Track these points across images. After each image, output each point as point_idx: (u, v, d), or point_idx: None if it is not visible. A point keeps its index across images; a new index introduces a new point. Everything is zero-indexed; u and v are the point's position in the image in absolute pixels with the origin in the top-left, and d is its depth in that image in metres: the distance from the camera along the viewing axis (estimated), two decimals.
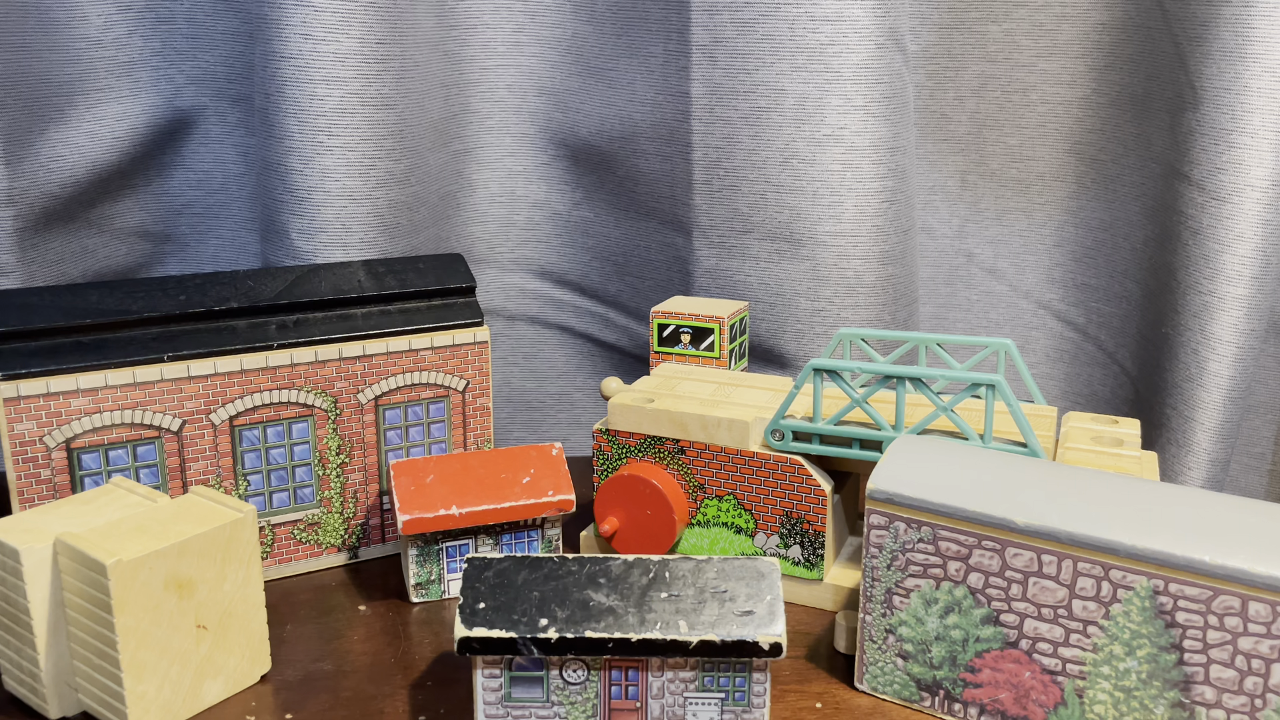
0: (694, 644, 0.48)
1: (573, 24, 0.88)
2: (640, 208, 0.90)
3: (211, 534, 0.52)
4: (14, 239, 0.79)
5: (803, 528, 0.64)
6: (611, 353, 0.97)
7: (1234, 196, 0.77)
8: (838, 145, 0.81)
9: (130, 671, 0.50)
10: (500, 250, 0.93)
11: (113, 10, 0.81)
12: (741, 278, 0.85)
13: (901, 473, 0.53)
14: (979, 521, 0.50)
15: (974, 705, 0.53)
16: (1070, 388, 0.97)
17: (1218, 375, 0.80)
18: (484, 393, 0.72)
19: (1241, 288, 0.78)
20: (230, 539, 0.53)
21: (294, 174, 0.77)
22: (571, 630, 0.48)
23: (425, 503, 0.63)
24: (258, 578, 0.55)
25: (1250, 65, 0.75)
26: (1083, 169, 0.91)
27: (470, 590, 0.50)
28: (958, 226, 0.94)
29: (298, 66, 0.75)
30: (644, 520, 0.66)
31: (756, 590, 0.50)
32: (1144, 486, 0.52)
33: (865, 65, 0.79)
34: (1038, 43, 0.88)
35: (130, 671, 0.50)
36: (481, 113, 0.90)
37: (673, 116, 0.84)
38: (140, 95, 0.84)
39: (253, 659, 0.56)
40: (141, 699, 0.51)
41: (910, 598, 0.53)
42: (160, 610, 0.51)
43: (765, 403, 0.67)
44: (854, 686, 0.56)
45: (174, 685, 0.52)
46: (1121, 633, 0.48)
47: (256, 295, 0.65)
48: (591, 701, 0.49)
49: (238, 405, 0.64)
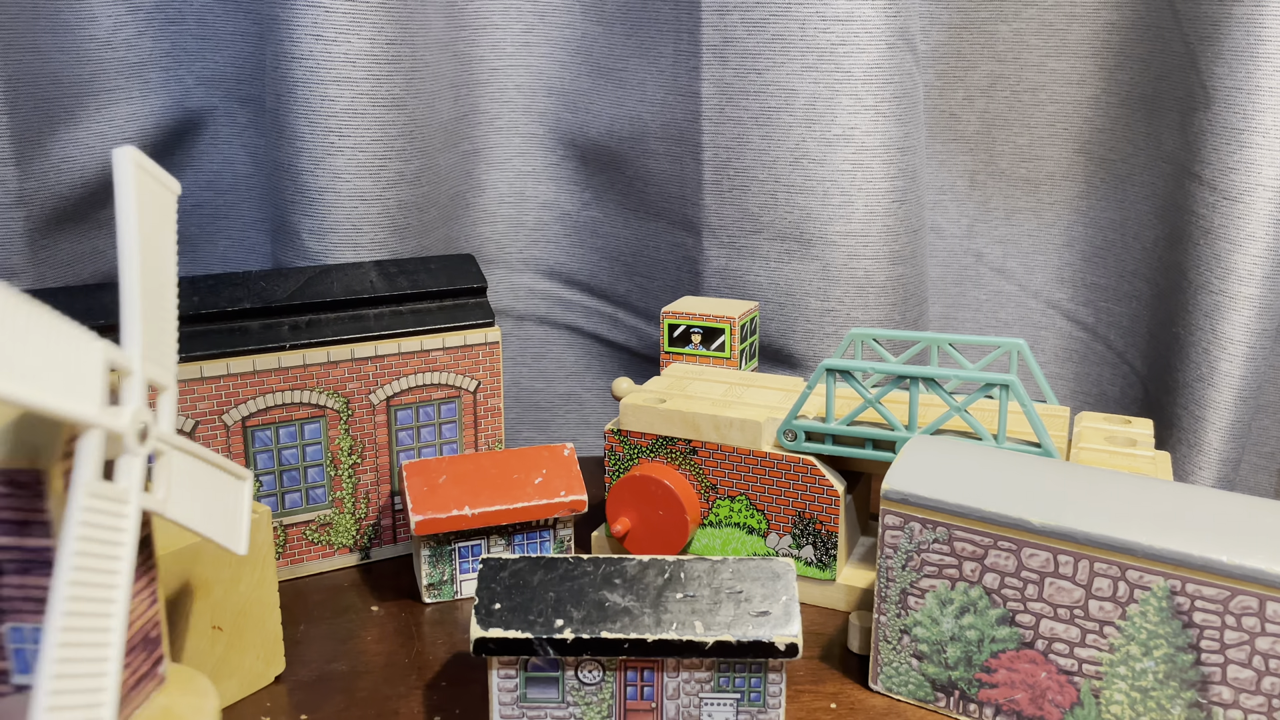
0: (710, 644, 0.48)
1: (582, 24, 0.88)
2: (650, 208, 0.90)
3: None
4: (25, 240, 0.79)
5: (815, 528, 0.64)
6: (620, 353, 0.97)
7: (1245, 196, 0.77)
8: (848, 145, 0.81)
9: None
10: (509, 250, 0.93)
11: (123, 11, 0.81)
12: (751, 278, 0.85)
13: (916, 473, 0.53)
14: (995, 522, 0.50)
15: (989, 706, 0.52)
16: (1080, 387, 0.96)
17: (1229, 375, 0.80)
18: (495, 393, 0.72)
19: (1253, 287, 0.78)
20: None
21: (305, 175, 0.77)
22: (587, 631, 0.48)
23: (438, 503, 0.63)
24: (272, 578, 0.55)
25: (1262, 65, 0.75)
26: (1092, 169, 0.91)
27: (486, 591, 0.50)
28: (967, 226, 0.94)
29: (308, 67, 0.75)
30: (656, 521, 0.66)
31: (772, 591, 0.50)
32: (1159, 487, 0.52)
33: (876, 65, 0.79)
34: (1047, 42, 0.88)
35: None
36: (491, 113, 0.90)
37: (683, 117, 0.84)
38: (150, 96, 0.84)
39: (267, 659, 0.56)
40: None
41: (925, 598, 0.53)
42: (175, 610, 0.51)
43: (777, 403, 0.67)
44: (868, 687, 0.56)
45: None
46: (1138, 633, 0.48)
47: (269, 296, 0.66)
48: (607, 702, 0.49)
49: (250, 406, 0.64)
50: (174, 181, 0.44)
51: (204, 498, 0.43)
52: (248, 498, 0.47)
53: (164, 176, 0.42)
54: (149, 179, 0.41)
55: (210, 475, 0.44)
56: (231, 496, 0.46)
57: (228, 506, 0.46)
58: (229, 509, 0.46)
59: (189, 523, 0.42)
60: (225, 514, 0.45)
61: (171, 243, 0.43)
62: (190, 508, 0.42)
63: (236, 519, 0.46)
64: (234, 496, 0.46)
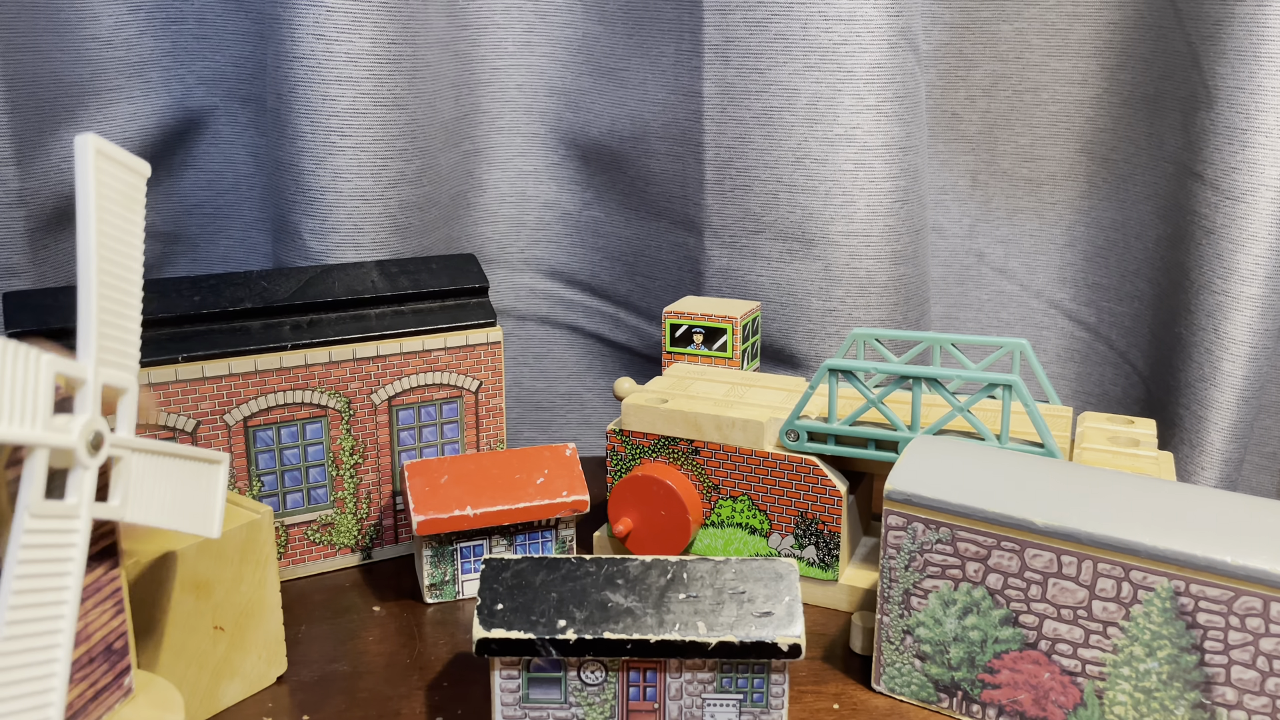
0: (713, 645, 0.48)
1: (584, 24, 0.88)
2: (651, 208, 0.90)
3: (229, 535, 0.52)
4: (26, 240, 0.79)
5: (818, 528, 0.64)
6: (622, 353, 0.97)
7: (1248, 196, 0.77)
8: (850, 145, 0.81)
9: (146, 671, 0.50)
10: (510, 250, 0.93)
11: (123, 11, 0.81)
12: (753, 278, 0.85)
13: (919, 473, 0.53)
14: (998, 522, 0.50)
15: (992, 706, 0.52)
16: (1081, 388, 0.96)
17: (1231, 375, 0.80)
18: (497, 393, 0.72)
19: (1255, 287, 0.78)
20: (248, 540, 0.53)
21: (306, 174, 0.77)
22: (590, 631, 0.48)
23: (440, 503, 0.63)
24: (275, 579, 0.55)
25: (1265, 64, 0.75)
26: (1094, 168, 0.91)
27: (488, 591, 0.49)
28: (969, 226, 0.94)
29: (310, 67, 0.75)
30: (658, 521, 0.66)
31: (775, 591, 0.50)
32: (1163, 487, 0.51)
33: (878, 65, 0.79)
34: (1049, 42, 0.88)
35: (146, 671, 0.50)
36: (492, 113, 0.89)
37: (684, 116, 0.84)
38: (151, 96, 0.84)
39: (269, 660, 0.56)
40: None
41: (928, 599, 0.53)
42: (177, 611, 0.51)
43: (779, 403, 0.67)
44: (871, 687, 0.56)
45: (191, 686, 0.52)
46: (1142, 634, 0.48)
47: (271, 296, 0.65)
48: (609, 703, 0.49)
49: (252, 406, 0.64)
50: (142, 164, 0.42)
51: (170, 492, 0.43)
52: (223, 481, 0.47)
53: (131, 160, 0.41)
54: (113, 165, 0.39)
55: (178, 468, 0.44)
56: (205, 483, 0.46)
57: (200, 494, 0.45)
58: (202, 497, 0.45)
59: (151, 521, 0.41)
60: (197, 502, 0.45)
61: (137, 229, 0.41)
62: (151, 506, 0.41)
63: (210, 504, 0.46)
64: (207, 483, 0.46)
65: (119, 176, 0.40)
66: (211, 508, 0.46)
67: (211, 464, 0.46)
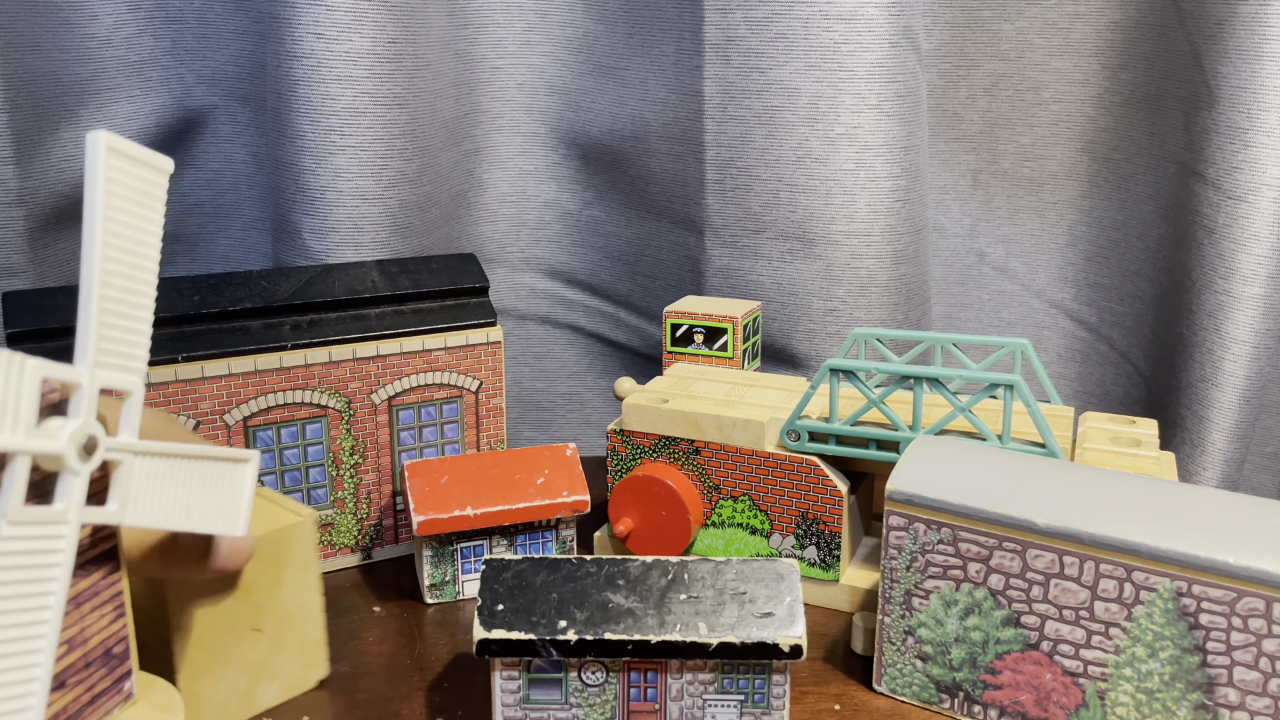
0: (714, 646, 0.47)
1: (584, 23, 0.88)
2: (652, 207, 0.89)
3: (270, 537, 0.52)
4: (25, 239, 0.79)
5: (819, 529, 0.63)
6: (622, 352, 0.96)
7: (1250, 195, 0.77)
8: (851, 144, 0.80)
9: (185, 672, 0.49)
10: (511, 250, 0.93)
11: (123, 9, 0.81)
12: (754, 277, 0.85)
13: (921, 474, 0.53)
14: (1000, 523, 0.50)
15: (994, 707, 0.52)
16: (1083, 388, 0.96)
17: (1233, 375, 0.80)
18: (497, 393, 0.72)
19: (1257, 287, 0.78)
20: (289, 542, 0.53)
21: (306, 174, 0.77)
22: (590, 632, 0.47)
23: (440, 503, 0.63)
24: (316, 582, 0.55)
25: (1267, 64, 0.75)
26: (1096, 168, 0.91)
27: (489, 592, 0.49)
28: (970, 226, 0.94)
29: (310, 66, 0.75)
30: (659, 521, 0.66)
31: (776, 592, 0.50)
32: (1165, 487, 0.51)
33: (879, 64, 0.79)
34: (1050, 41, 0.88)
35: (185, 672, 0.49)
36: (493, 112, 0.89)
37: (685, 116, 0.84)
38: (150, 95, 0.83)
39: (309, 663, 0.55)
40: (195, 700, 0.50)
41: (930, 599, 0.53)
42: (215, 612, 0.50)
43: (780, 403, 0.66)
44: (872, 688, 0.56)
45: (229, 688, 0.51)
46: (1144, 634, 0.48)
47: (270, 295, 0.65)
48: (610, 703, 0.49)
49: (252, 406, 0.64)
50: (164, 160, 0.41)
51: (186, 493, 0.42)
52: (250, 479, 0.46)
53: (150, 156, 0.40)
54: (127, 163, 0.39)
55: (195, 469, 0.43)
56: (228, 483, 0.45)
57: (225, 494, 0.45)
58: (227, 496, 0.45)
59: (161, 524, 0.41)
60: (221, 502, 0.44)
61: (153, 228, 0.40)
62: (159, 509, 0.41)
63: (235, 504, 0.45)
64: (231, 482, 0.45)
65: (134, 173, 0.39)
66: (237, 506, 0.45)
67: (238, 463, 0.46)
